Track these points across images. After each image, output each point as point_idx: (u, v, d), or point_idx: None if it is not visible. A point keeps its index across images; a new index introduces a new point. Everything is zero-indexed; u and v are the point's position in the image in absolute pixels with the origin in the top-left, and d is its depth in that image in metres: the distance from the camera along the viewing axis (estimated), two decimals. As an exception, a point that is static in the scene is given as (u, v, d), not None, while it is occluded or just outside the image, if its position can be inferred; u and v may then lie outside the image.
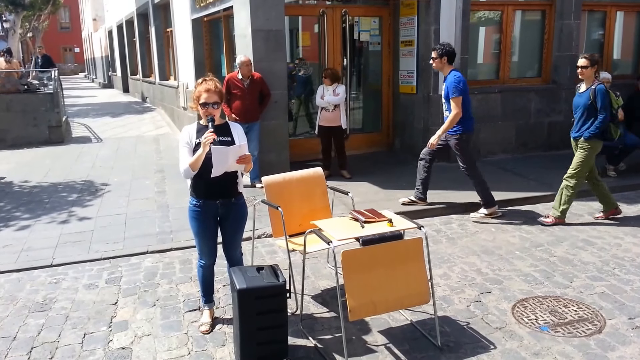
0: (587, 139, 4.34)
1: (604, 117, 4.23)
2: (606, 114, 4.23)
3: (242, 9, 5.91)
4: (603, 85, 4.27)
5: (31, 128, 9.21)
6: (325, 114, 5.98)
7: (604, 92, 4.24)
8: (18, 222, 4.94)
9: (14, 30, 17.60)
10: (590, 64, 4.27)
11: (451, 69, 4.65)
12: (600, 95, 4.23)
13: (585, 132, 4.33)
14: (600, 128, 4.26)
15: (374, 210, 3.00)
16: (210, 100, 2.74)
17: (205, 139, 2.62)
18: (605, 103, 4.22)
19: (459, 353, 2.73)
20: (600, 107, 4.24)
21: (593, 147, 4.37)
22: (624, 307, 3.17)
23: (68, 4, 37.41)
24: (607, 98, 4.23)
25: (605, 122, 4.25)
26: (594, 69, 4.29)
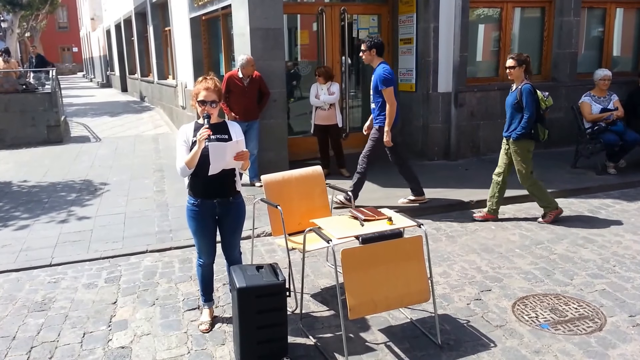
0: (515, 139, 4.37)
1: (529, 117, 4.24)
2: (531, 113, 4.24)
3: (241, 7, 5.89)
4: (529, 85, 4.30)
5: (29, 128, 9.20)
6: (321, 113, 5.97)
7: (529, 91, 4.26)
8: (17, 221, 4.93)
9: (12, 30, 17.56)
10: (518, 64, 4.29)
11: (380, 61, 4.66)
12: (526, 95, 4.25)
13: (513, 133, 4.37)
14: (526, 127, 4.27)
15: (373, 208, 2.99)
16: (208, 98, 2.73)
17: (200, 135, 2.62)
18: (530, 102, 4.24)
19: (459, 351, 2.72)
20: (525, 107, 4.26)
21: (524, 147, 4.39)
22: (624, 304, 3.17)
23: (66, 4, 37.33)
24: (532, 97, 4.25)
25: (530, 121, 4.26)
26: (522, 68, 4.30)
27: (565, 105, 7.10)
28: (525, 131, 4.27)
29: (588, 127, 6.04)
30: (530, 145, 4.40)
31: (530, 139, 4.35)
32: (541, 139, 4.38)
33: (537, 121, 4.30)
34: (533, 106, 4.24)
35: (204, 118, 2.73)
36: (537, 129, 4.33)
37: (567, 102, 7.09)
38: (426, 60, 6.56)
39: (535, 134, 4.33)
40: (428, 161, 6.73)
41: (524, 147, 4.38)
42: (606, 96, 6.10)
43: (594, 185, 5.57)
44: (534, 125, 4.30)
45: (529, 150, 4.41)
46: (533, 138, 4.35)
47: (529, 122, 4.24)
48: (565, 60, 7.14)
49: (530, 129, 4.29)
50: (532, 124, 4.27)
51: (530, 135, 4.31)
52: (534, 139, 4.36)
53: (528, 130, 4.27)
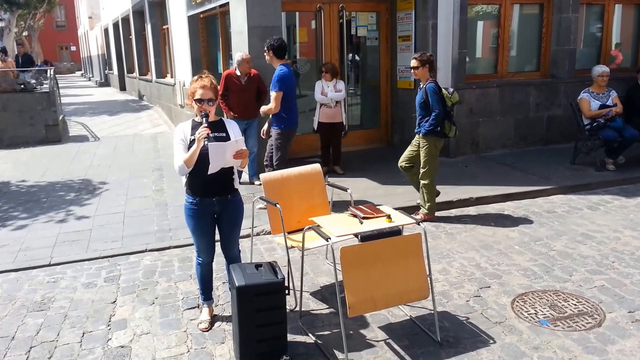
0: (423, 135, 4.44)
1: (437, 114, 4.33)
2: (438, 111, 4.33)
3: (239, 5, 5.87)
4: (433, 84, 4.37)
5: (28, 127, 9.18)
6: (327, 111, 5.94)
7: (433, 90, 4.34)
8: (16, 221, 4.93)
9: (9, 29, 17.51)
10: (421, 64, 4.36)
11: (280, 63, 4.66)
12: (430, 94, 4.34)
13: (422, 128, 4.45)
14: (434, 125, 4.36)
15: (372, 206, 2.99)
16: (205, 96, 2.72)
17: (199, 134, 2.61)
18: (435, 101, 4.32)
19: (459, 348, 2.73)
20: (432, 105, 4.35)
21: (431, 143, 4.46)
22: (623, 300, 3.17)
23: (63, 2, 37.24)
24: (437, 96, 4.33)
25: (438, 118, 4.34)
26: (426, 68, 4.38)
27: (564, 102, 7.10)
28: (433, 128, 4.38)
29: (587, 124, 6.04)
30: (438, 142, 4.52)
31: (438, 136, 4.46)
32: (449, 135, 4.49)
33: (444, 118, 4.40)
34: (439, 104, 4.33)
35: (201, 117, 2.72)
36: (445, 125, 4.44)
37: (565, 98, 7.09)
38: (425, 58, 6.54)
39: (442, 131, 4.44)
40: (427, 158, 6.72)
41: (432, 143, 4.47)
42: (605, 92, 6.09)
43: (593, 181, 5.57)
44: (442, 122, 4.40)
45: (436, 147, 4.53)
46: (440, 135, 4.46)
47: (437, 119, 4.34)
48: (563, 56, 7.13)
49: (438, 126, 4.39)
50: (440, 121, 4.37)
51: (437, 132, 4.41)
52: (441, 135, 4.47)
53: (435, 127, 4.38)
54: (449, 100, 4.41)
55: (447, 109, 4.40)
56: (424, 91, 4.39)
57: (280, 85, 4.55)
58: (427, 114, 4.39)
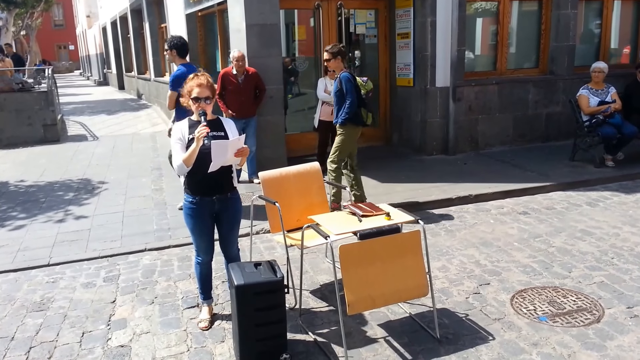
0: (340, 124, 4.48)
1: (351, 102, 4.37)
2: (352, 99, 4.37)
3: (236, 3, 5.85)
4: (347, 73, 4.42)
5: (26, 127, 9.16)
6: (328, 109, 5.89)
7: (346, 78, 4.38)
8: (14, 221, 4.92)
9: (7, 28, 17.47)
10: (333, 56, 4.41)
11: (182, 62, 4.63)
12: (344, 82, 4.38)
13: (339, 118, 4.49)
14: (349, 113, 4.41)
15: (371, 204, 2.99)
16: (202, 95, 2.72)
17: (199, 132, 2.60)
18: (349, 89, 4.36)
19: (458, 345, 2.73)
20: (346, 93, 4.38)
21: (348, 132, 4.50)
22: (622, 296, 3.17)
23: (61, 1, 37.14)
24: (350, 84, 4.37)
25: (352, 106, 4.39)
26: (339, 59, 4.41)
27: (563, 98, 7.09)
28: (349, 116, 4.41)
29: (586, 120, 6.04)
30: (355, 130, 4.56)
31: (356, 124, 4.49)
32: (366, 122, 4.53)
33: (360, 106, 4.44)
34: (353, 92, 4.37)
35: (199, 115, 2.71)
36: (361, 113, 4.47)
37: (564, 95, 7.08)
38: (424, 55, 6.54)
39: (359, 119, 4.48)
40: (427, 156, 6.73)
41: (349, 132, 4.51)
42: (604, 89, 6.09)
43: (592, 178, 5.57)
44: (358, 109, 4.43)
45: (352, 135, 4.55)
46: (358, 123, 4.49)
47: (351, 107, 4.39)
48: (562, 53, 7.13)
49: (354, 114, 4.42)
50: (355, 109, 4.41)
51: (354, 119, 4.45)
52: (359, 123, 4.50)
53: (351, 115, 4.42)
54: (364, 88, 4.47)
55: (363, 96, 4.46)
56: (338, 81, 4.43)
57: (174, 85, 4.47)
58: (343, 103, 4.44)
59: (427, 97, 6.63)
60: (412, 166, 6.32)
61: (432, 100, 6.64)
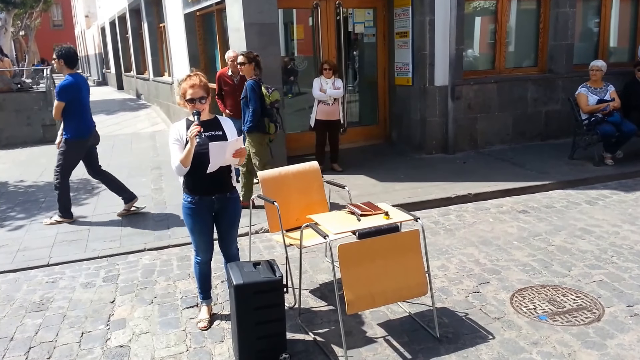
0: (247, 131, 4.52)
1: (253, 111, 4.41)
2: (255, 108, 4.40)
3: (235, 2, 5.84)
4: (252, 81, 4.43)
5: (25, 127, 9.15)
6: (325, 108, 5.92)
7: (251, 87, 4.40)
8: (14, 222, 4.92)
9: (6, 28, 17.43)
10: (248, 61, 4.45)
11: (69, 72, 4.55)
12: (249, 90, 4.41)
13: (244, 126, 4.52)
14: (252, 121, 4.43)
15: (370, 203, 2.99)
16: (196, 95, 2.71)
17: (190, 132, 2.60)
18: (252, 97, 4.38)
19: (458, 344, 2.73)
20: (249, 102, 4.41)
21: (255, 139, 4.52)
22: (622, 294, 3.17)
23: (60, 1, 37.07)
24: (254, 93, 4.38)
25: (254, 115, 4.41)
26: (252, 65, 4.46)
27: (562, 97, 7.09)
28: (253, 124, 4.44)
29: (585, 119, 6.04)
30: (261, 138, 4.58)
31: (261, 132, 4.52)
32: (268, 132, 4.55)
33: (264, 115, 4.45)
34: (256, 101, 4.40)
35: (194, 115, 2.71)
36: (265, 122, 4.50)
37: (563, 93, 7.08)
38: (422, 54, 6.54)
39: (262, 127, 4.50)
40: (426, 155, 6.73)
41: (256, 139, 4.53)
42: (602, 87, 6.09)
43: (591, 176, 5.57)
44: (262, 118, 4.44)
45: (261, 143, 4.58)
46: (262, 131, 4.52)
47: (254, 115, 4.42)
48: (561, 51, 7.12)
49: (257, 122, 4.44)
50: (258, 117, 4.43)
51: (258, 127, 4.47)
52: (263, 131, 4.53)
53: (254, 123, 4.44)
54: (268, 99, 4.49)
55: (267, 106, 4.48)
56: (245, 87, 4.47)
57: (60, 95, 4.43)
58: (248, 110, 4.47)
59: (426, 96, 6.62)
60: (412, 165, 6.32)
61: (431, 99, 6.64)
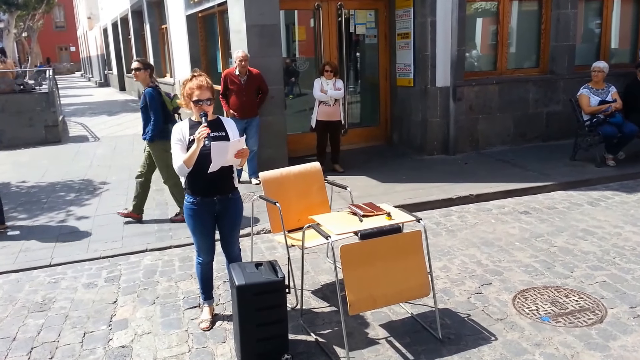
0: (149, 141, 4.40)
1: (155, 120, 4.29)
2: (157, 116, 4.29)
3: (236, 3, 5.86)
4: (151, 89, 4.33)
5: (27, 128, 9.17)
6: (325, 109, 5.92)
7: (151, 95, 4.30)
8: (16, 222, 4.92)
9: (9, 30, 17.49)
10: (143, 67, 4.34)
11: None
12: (149, 99, 4.30)
13: (147, 135, 4.41)
14: (154, 130, 4.32)
15: (372, 204, 2.99)
16: (203, 97, 2.71)
17: (199, 133, 2.60)
18: (154, 106, 4.28)
19: (460, 345, 2.72)
20: (150, 110, 4.31)
21: (159, 147, 4.40)
22: (625, 296, 3.17)
23: (62, 3, 37.20)
24: (155, 101, 4.29)
25: (157, 124, 4.31)
26: (147, 72, 4.36)
27: (564, 98, 7.08)
28: (154, 133, 4.35)
29: (586, 120, 6.03)
30: (166, 145, 4.36)
31: (165, 139, 4.34)
32: None
33: (167, 122, 4.36)
34: (158, 109, 4.30)
35: (200, 116, 2.71)
36: (168, 129, 4.31)
37: (565, 95, 7.07)
38: (424, 55, 6.54)
39: (167, 134, 4.34)
40: (427, 156, 6.73)
41: (160, 148, 4.40)
42: (604, 88, 6.08)
43: (593, 177, 5.56)
44: (165, 126, 4.35)
45: (166, 150, 4.41)
46: (167, 138, 4.36)
47: (156, 124, 4.31)
48: (562, 53, 7.12)
49: (160, 131, 4.34)
50: (161, 126, 4.34)
51: (161, 136, 4.35)
52: (168, 138, 4.37)
53: (157, 131, 4.34)
54: (170, 105, 4.42)
55: (170, 113, 4.41)
56: (143, 96, 4.36)
57: None
58: (149, 118, 4.36)
59: (428, 97, 6.63)
60: (413, 166, 6.32)
61: (433, 100, 6.64)
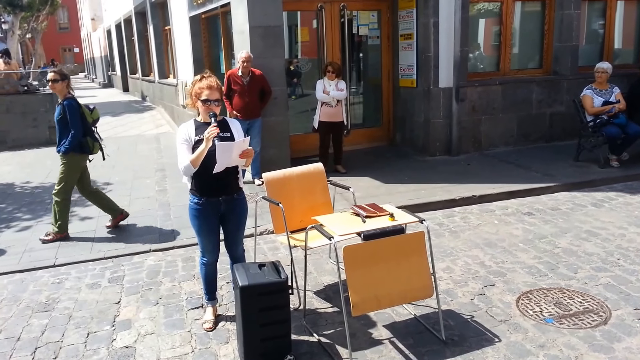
0: (64, 153, 4.30)
1: (75, 133, 4.21)
2: (76, 129, 4.22)
3: (240, 5, 5.87)
4: (71, 101, 4.26)
5: (31, 129, 9.21)
6: (328, 110, 5.92)
7: (71, 107, 4.23)
8: (20, 223, 4.95)
9: (13, 31, 17.59)
10: (61, 79, 4.28)
11: None
12: (68, 111, 4.21)
13: (62, 147, 4.29)
14: (72, 142, 4.24)
15: (375, 204, 2.99)
16: (212, 97, 2.72)
17: (209, 133, 2.60)
18: (73, 118, 4.22)
19: (464, 347, 2.72)
20: (70, 123, 4.21)
21: (71, 161, 4.33)
22: (629, 297, 3.15)
23: (66, 4, 37.36)
24: (74, 113, 4.23)
25: (76, 137, 4.22)
26: (65, 83, 4.30)
27: (567, 99, 7.06)
28: (71, 146, 4.25)
29: (590, 120, 6.01)
30: (81, 159, 4.42)
31: (81, 153, 4.37)
32: (92, 151, 4.40)
33: (86, 134, 4.32)
34: (78, 121, 4.24)
35: (210, 117, 2.71)
36: (87, 142, 4.35)
37: (568, 95, 7.05)
38: (427, 56, 6.54)
39: (85, 148, 4.35)
40: (430, 157, 6.72)
41: (74, 161, 4.35)
42: (608, 89, 6.06)
43: (597, 178, 5.54)
44: (84, 138, 4.30)
45: (76, 167, 4.41)
46: (84, 151, 4.37)
47: (75, 137, 4.23)
48: (566, 53, 7.10)
49: (78, 143, 4.29)
50: (80, 138, 4.28)
51: (79, 149, 4.30)
52: (85, 152, 4.38)
53: (75, 144, 4.26)
54: (90, 117, 4.38)
55: (89, 125, 4.37)
56: (61, 107, 4.26)
57: None
58: (67, 131, 4.25)
59: (430, 97, 6.62)
60: (415, 167, 6.31)
61: (435, 101, 6.63)
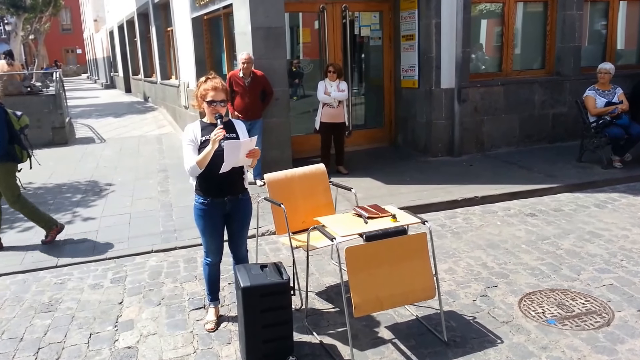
0: None
1: (0, 139, 4.02)
2: (2, 136, 4.03)
3: (242, 6, 5.88)
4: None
5: (34, 130, 9.16)
6: (329, 110, 5.92)
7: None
8: (22, 223, 4.96)
9: (16, 32, 17.67)
10: None
11: None
12: None
13: None
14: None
15: (377, 205, 2.99)
16: (217, 98, 2.73)
17: (215, 135, 2.61)
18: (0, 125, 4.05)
19: (466, 348, 2.71)
20: None
21: (4, 169, 4.18)
22: (632, 299, 3.14)
23: (69, 6, 37.51)
24: (1, 120, 4.06)
25: (1, 144, 4.03)
26: None
27: (570, 99, 7.05)
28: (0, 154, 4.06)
29: (593, 121, 6.00)
30: (12, 167, 4.25)
31: (11, 161, 4.21)
32: (21, 160, 4.24)
33: (14, 142, 4.16)
34: (4, 128, 4.05)
35: (215, 118, 2.72)
36: (16, 150, 4.19)
37: (571, 96, 7.04)
38: (428, 57, 6.53)
39: (12, 156, 4.19)
40: (432, 157, 6.71)
41: (5, 170, 4.19)
42: (610, 90, 6.05)
43: (599, 179, 5.53)
44: (11, 146, 4.12)
45: (11, 173, 4.26)
46: (13, 159, 4.21)
47: (0, 144, 4.04)
48: (568, 54, 7.09)
49: (5, 152, 4.09)
50: (5, 145, 4.08)
51: (6, 157, 4.12)
52: (15, 160, 4.23)
53: (2, 152, 4.07)
54: (17, 124, 4.22)
55: (16, 132, 4.20)
56: None
57: None
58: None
59: (432, 98, 6.62)
60: (417, 168, 6.31)
61: (437, 102, 6.63)
